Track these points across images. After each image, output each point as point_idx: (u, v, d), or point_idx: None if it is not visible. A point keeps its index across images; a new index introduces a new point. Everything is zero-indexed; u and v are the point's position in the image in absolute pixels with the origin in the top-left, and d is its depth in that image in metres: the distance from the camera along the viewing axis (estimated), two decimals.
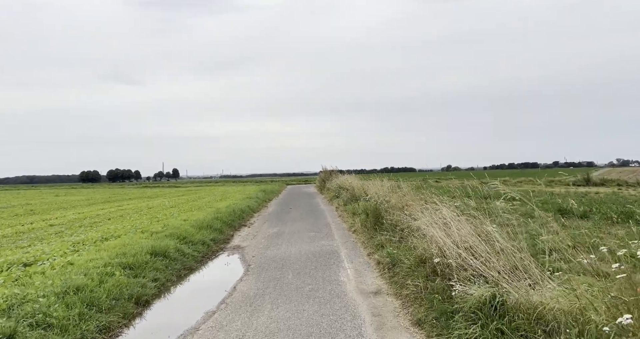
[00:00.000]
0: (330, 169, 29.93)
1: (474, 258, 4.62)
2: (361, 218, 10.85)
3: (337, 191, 20.20)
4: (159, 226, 10.65)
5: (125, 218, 14.04)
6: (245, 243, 9.78)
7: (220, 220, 11.90)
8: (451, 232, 5.02)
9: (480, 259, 4.55)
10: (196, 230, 9.96)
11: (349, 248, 8.44)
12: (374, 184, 12.33)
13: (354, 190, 15.31)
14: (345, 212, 13.75)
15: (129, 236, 9.14)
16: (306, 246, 8.80)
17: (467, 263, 4.53)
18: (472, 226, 5.22)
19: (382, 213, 9.10)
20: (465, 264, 4.56)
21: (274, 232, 11.09)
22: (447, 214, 5.35)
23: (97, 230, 10.93)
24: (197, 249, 8.35)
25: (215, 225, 10.97)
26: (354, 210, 12.87)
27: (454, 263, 4.52)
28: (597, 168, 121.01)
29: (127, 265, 6.35)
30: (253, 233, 11.11)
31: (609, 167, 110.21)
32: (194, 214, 13.84)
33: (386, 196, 9.61)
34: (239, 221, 13.10)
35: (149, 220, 12.68)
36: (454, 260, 4.55)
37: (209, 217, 12.39)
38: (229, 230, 11.28)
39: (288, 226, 12.04)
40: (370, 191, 11.72)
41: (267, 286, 5.84)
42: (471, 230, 5.06)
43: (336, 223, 12.35)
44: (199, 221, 11.27)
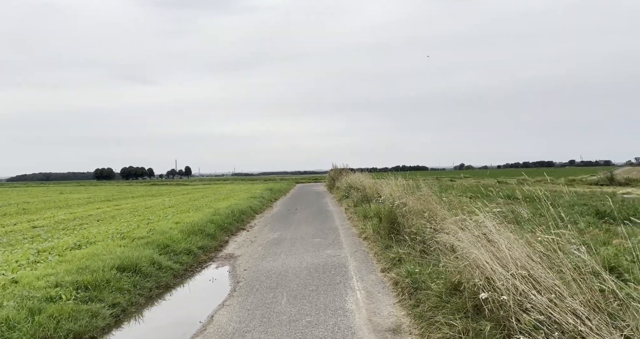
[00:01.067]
0: (341, 167, 28.58)
1: (537, 292, 3.25)
2: (373, 223, 9.49)
3: (347, 190, 18.83)
4: (145, 231, 9.44)
5: (116, 220, 12.90)
6: (239, 251, 8.50)
7: (216, 224, 10.65)
8: (500, 252, 3.64)
9: (547, 294, 3.17)
10: (184, 235, 8.72)
11: (359, 260, 7.09)
12: (388, 183, 10.95)
13: (365, 190, 13.93)
14: (356, 215, 12.39)
15: (105, 244, 7.94)
16: (309, 257, 7.48)
17: (529, 300, 3.17)
18: (526, 242, 3.84)
19: (398, 218, 7.72)
20: (525, 301, 3.19)
21: (274, 238, 9.79)
22: (491, 226, 3.96)
23: (76, 235, 9.77)
24: (180, 260, 7.09)
25: (208, 229, 9.72)
26: (365, 213, 11.51)
27: (510, 301, 3.15)
28: (615, 167, 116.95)
29: (84, 285, 5.11)
30: (251, 239, 9.83)
31: (627, 166, 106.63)
32: (190, 216, 12.63)
33: (403, 198, 8.24)
34: (238, 224, 11.84)
35: (138, 223, 11.50)
36: (510, 295, 3.18)
37: (204, 219, 11.16)
38: (223, 235, 10.02)
39: (291, 231, 10.74)
40: (384, 192, 10.34)
41: (252, 317, 4.52)
42: (527, 248, 3.67)
43: (345, 228, 11.01)
44: (191, 225, 10.04)
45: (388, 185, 10.80)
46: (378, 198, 11.46)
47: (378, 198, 11.30)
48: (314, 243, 8.87)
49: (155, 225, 10.79)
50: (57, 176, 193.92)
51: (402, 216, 7.48)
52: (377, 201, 11.30)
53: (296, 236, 9.83)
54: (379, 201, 10.47)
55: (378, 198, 11.46)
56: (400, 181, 10.83)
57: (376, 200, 11.83)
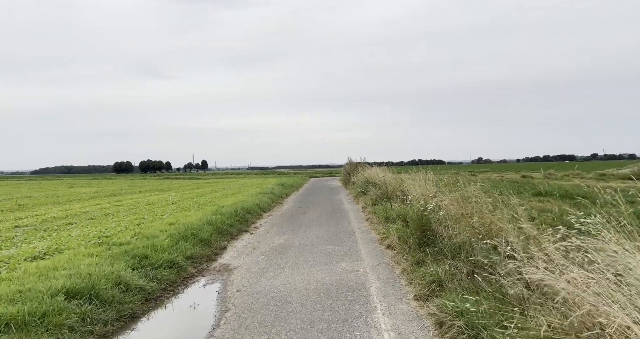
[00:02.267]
0: (357, 161, 26.96)
1: None
2: (397, 227, 7.93)
3: (364, 186, 17.25)
4: (129, 235, 8.10)
5: (108, 219, 11.64)
6: (237, 261, 7.07)
7: (214, 225, 9.25)
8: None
9: None
10: (173, 241, 7.33)
11: (384, 279, 5.57)
12: (415, 179, 9.33)
13: (385, 187, 12.34)
14: (375, 215, 10.84)
15: (74, 252, 6.60)
16: (319, 273, 5.99)
17: None
18: None
19: (432, 225, 6.15)
20: None
21: (280, 244, 8.33)
22: None
23: (53, 238, 8.49)
24: (158, 276, 5.68)
25: (204, 233, 8.31)
26: (387, 213, 9.95)
27: None
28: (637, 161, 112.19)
29: (5, 323, 3.72)
30: (253, 244, 8.39)
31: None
32: (188, 215, 11.28)
33: (437, 199, 6.65)
34: (240, 225, 10.42)
35: (129, 223, 10.19)
36: None
37: (203, 220, 9.80)
38: (221, 239, 8.60)
39: (300, 235, 9.26)
40: (412, 191, 8.74)
41: None
42: None
43: (363, 231, 9.47)
44: (184, 227, 8.67)
45: (416, 182, 9.19)
46: (402, 197, 9.87)
47: (402, 197, 9.71)
48: (326, 252, 7.37)
49: (145, 226, 9.46)
50: (78, 169, 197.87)
51: (439, 223, 5.90)
52: (401, 200, 9.72)
53: (305, 242, 8.34)
54: (405, 201, 8.89)
55: (402, 197, 9.87)
56: (430, 176, 9.23)
57: (400, 199, 10.25)
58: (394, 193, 12.33)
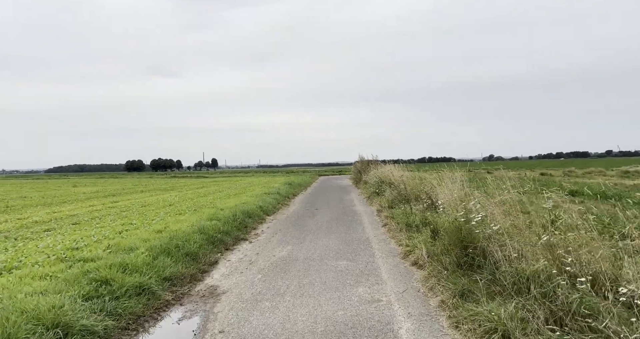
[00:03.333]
0: (368, 159, 25.52)
1: None
2: (425, 239, 6.51)
3: (377, 186, 15.81)
4: (103, 247, 6.82)
5: (92, 223, 10.40)
6: (227, 281, 5.71)
7: (206, 234, 7.92)
8: None
9: None
10: (151, 256, 6.01)
11: (416, 317, 4.16)
12: (443, 179, 7.85)
13: (405, 188, 10.89)
14: (393, 220, 9.41)
15: (28, 271, 5.32)
16: (329, 303, 4.60)
17: None
18: None
19: (478, 241, 4.70)
20: None
21: (281, 257, 6.96)
22: None
23: (16, 250, 7.24)
24: (118, 309, 4.34)
25: (191, 244, 6.98)
26: (408, 219, 8.52)
27: None
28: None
29: None
30: (250, 258, 7.04)
31: None
32: (181, 220, 10.00)
33: (477, 206, 5.20)
34: (238, 232, 9.06)
35: (112, 230, 8.92)
36: None
37: (195, 226, 8.52)
38: (213, 251, 7.26)
39: (306, 245, 7.88)
40: (442, 194, 7.28)
41: None
42: None
43: (380, 240, 8.05)
44: (171, 236, 7.38)
45: (444, 182, 7.72)
46: (427, 200, 8.43)
47: (427, 201, 8.26)
48: (338, 270, 5.98)
49: (128, 234, 8.18)
50: (91, 168, 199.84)
51: (489, 240, 4.45)
52: (426, 204, 8.27)
53: (313, 256, 6.95)
54: (433, 206, 7.45)
55: (427, 200, 8.43)
56: (458, 175, 7.77)
57: (424, 202, 8.82)
58: (416, 195, 10.88)
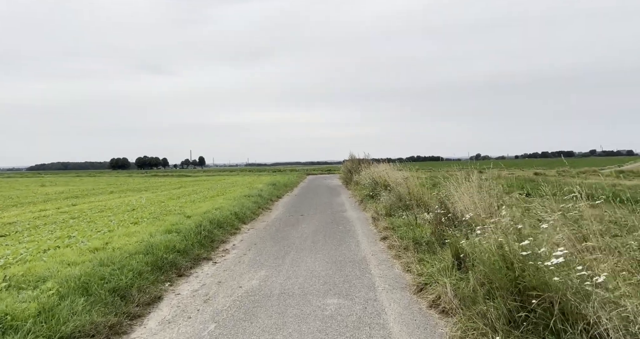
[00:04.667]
0: (359, 157, 23.77)
1: None
2: (446, 267, 4.75)
3: (372, 188, 14.05)
4: None
5: (26, 234, 8.41)
6: (163, 336, 3.86)
7: (154, 254, 6.05)
8: None
9: None
10: (57, 297, 4.13)
11: None
12: (460, 183, 6.08)
13: (408, 192, 9.13)
14: (394, 233, 7.63)
15: None
16: None
17: None
18: None
19: (555, 292, 2.92)
20: None
21: (250, 290, 5.12)
22: None
23: None
24: None
25: (122, 275, 5.09)
26: (415, 235, 6.76)
27: None
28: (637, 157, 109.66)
29: None
30: (208, 290, 5.19)
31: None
32: (133, 232, 8.10)
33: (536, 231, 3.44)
34: (201, 250, 7.17)
35: (36, 248, 6.97)
36: None
37: (146, 242, 6.67)
38: (155, 283, 5.37)
39: (285, 269, 6.04)
40: (460, 204, 5.50)
41: None
42: None
43: (382, 262, 6.25)
44: (105, 259, 5.52)
45: (462, 186, 5.96)
46: (439, 209, 6.66)
47: (437, 210, 6.48)
48: (326, 316, 4.17)
49: (53, 255, 6.26)
50: (74, 165, 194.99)
51: (581, 297, 2.67)
52: (436, 213, 6.50)
53: (292, 288, 5.12)
54: (451, 219, 5.68)
55: (439, 209, 6.66)
56: (476, 178, 6.07)
57: (432, 211, 7.06)
58: (418, 201, 9.14)
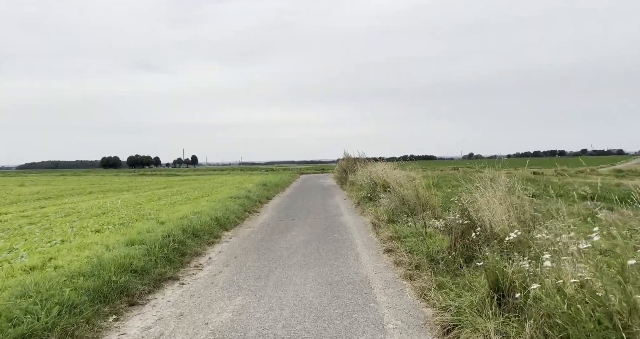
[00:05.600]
0: (354, 156, 22.54)
1: None
2: (481, 301, 3.50)
3: (370, 189, 12.82)
4: None
5: None
6: None
7: (100, 278, 4.76)
8: None
9: None
10: None
11: None
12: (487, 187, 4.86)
13: (417, 196, 7.90)
14: (401, 245, 6.39)
15: None
16: None
17: None
18: None
19: None
20: None
21: (217, 328, 3.85)
22: None
23: None
24: None
25: (45, 309, 3.80)
26: (429, 249, 5.55)
27: None
28: (628, 156, 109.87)
29: None
30: (163, 328, 3.91)
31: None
32: (89, 243, 6.81)
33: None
34: (167, 266, 5.87)
35: None
36: None
37: (97, 259, 5.35)
38: (96, 317, 4.09)
39: (268, 295, 4.78)
40: (487, 213, 4.28)
41: None
42: None
43: (389, 284, 5.01)
44: (37, 283, 4.21)
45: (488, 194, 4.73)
46: (460, 219, 5.42)
47: (458, 220, 5.26)
48: None
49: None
50: (65, 164, 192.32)
51: None
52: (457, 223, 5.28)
53: (274, 327, 3.86)
54: (478, 233, 4.46)
55: (460, 219, 5.42)
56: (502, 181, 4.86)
57: (433, 214, 5.84)
58: (425, 205, 7.92)
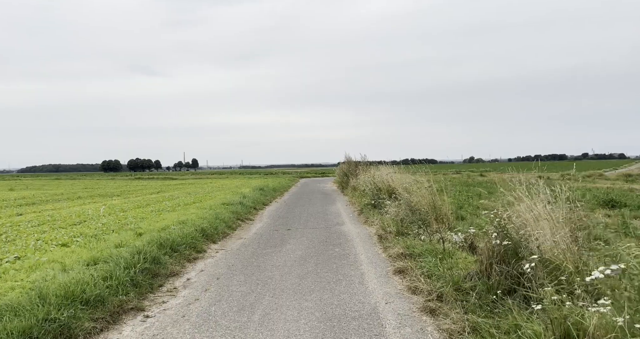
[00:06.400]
0: (356, 160, 21.50)
1: None
2: None
3: (374, 196, 11.77)
4: None
5: None
6: None
7: (36, 314, 3.71)
8: None
9: None
10: None
11: None
12: (533, 199, 3.82)
13: (433, 206, 6.85)
14: (414, 264, 5.34)
15: None
16: None
17: None
18: None
19: None
20: None
21: None
22: None
23: None
24: None
25: None
26: (454, 276, 4.49)
27: None
28: (630, 160, 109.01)
29: None
30: None
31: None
32: (53, 258, 5.77)
33: None
34: (135, 290, 4.83)
35: None
36: None
37: (40, 285, 4.31)
38: None
39: (250, 335, 3.74)
40: (540, 232, 3.23)
41: None
42: None
43: (404, 320, 3.94)
44: None
45: (538, 208, 3.67)
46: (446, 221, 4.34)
47: (492, 240, 4.19)
48: None
49: None
50: (65, 167, 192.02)
51: None
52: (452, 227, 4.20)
53: None
54: (521, 255, 3.37)
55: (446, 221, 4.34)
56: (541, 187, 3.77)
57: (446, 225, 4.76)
58: (438, 214, 6.87)
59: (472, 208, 11.85)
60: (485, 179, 35.97)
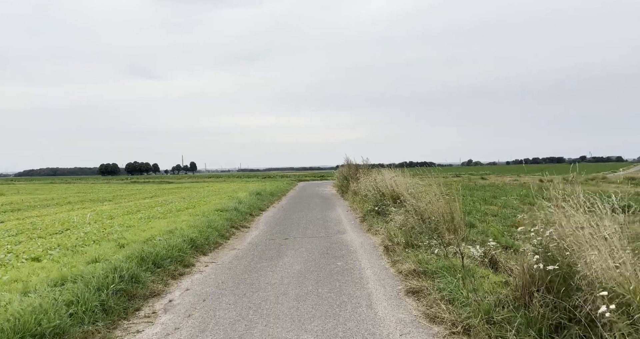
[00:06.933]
0: (357, 163, 20.80)
1: None
2: None
3: (377, 201, 11.07)
4: None
5: None
6: None
7: None
8: None
9: None
10: None
11: None
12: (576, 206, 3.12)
13: (452, 215, 6.16)
14: (430, 284, 4.64)
15: None
16: None
17: None
18: None
19: None
20: None
21: None
22: None
23: None
24: None
25: None
26: (480, 302, 3.75)
27: None
28: (628, 163, 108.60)
29: None
30: None
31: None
32: (19, 277, 5.05)
33: None
34: (105, 317, 4.11)
35: None
36: None
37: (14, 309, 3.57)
38: None
39: None
40: (595, 258, 2.52)
41: None
42: None
43: None
44: None
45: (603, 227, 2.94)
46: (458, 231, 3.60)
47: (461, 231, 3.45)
48: None
49: None
50: (63, 171, 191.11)
51: None
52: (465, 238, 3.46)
53: None
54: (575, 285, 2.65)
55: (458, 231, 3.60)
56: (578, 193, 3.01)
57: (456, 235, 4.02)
58: (448, 223, 6.19)
59: (480, 214, 11.16)
60: (487, 182, 35.32)
